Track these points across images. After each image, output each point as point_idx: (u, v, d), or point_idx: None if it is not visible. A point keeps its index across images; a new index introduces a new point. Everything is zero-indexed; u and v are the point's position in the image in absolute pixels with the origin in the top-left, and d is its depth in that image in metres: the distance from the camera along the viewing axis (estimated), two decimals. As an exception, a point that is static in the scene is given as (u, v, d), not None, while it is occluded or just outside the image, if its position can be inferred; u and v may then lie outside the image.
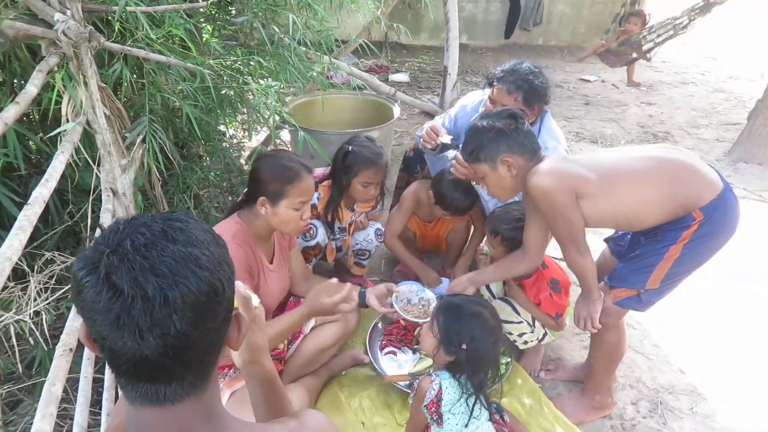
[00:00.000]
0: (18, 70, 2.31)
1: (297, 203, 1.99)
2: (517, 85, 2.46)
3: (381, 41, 7.55)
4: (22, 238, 1.32)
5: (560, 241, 2.03)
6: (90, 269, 0.72)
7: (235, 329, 0.88)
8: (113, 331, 0.71)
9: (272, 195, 1.96)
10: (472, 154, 2.07)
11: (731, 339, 2.80)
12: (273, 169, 1.98)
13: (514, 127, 2.01)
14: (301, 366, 2.27)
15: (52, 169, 1.64)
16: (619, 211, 1.95)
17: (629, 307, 2.09)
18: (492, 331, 1.90)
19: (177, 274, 0.73)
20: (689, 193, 1.88)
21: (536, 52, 8.45)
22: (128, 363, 0.74)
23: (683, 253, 1.92)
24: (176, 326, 0.72)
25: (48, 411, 1.30)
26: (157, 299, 0.71)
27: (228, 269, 0.81)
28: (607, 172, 1.95)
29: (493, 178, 2.08)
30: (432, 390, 1.84)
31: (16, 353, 1.98)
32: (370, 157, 2.61)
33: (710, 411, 2.38)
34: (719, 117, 6.11)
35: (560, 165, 1.98)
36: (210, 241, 0.79)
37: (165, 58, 2.12)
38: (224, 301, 0.79)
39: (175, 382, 0.78)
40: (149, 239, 0.74)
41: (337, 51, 4.47)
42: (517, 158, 2.00)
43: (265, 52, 2.85)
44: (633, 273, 2.03)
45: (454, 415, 1.81)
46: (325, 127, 4.08)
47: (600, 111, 6.18)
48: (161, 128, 2.44)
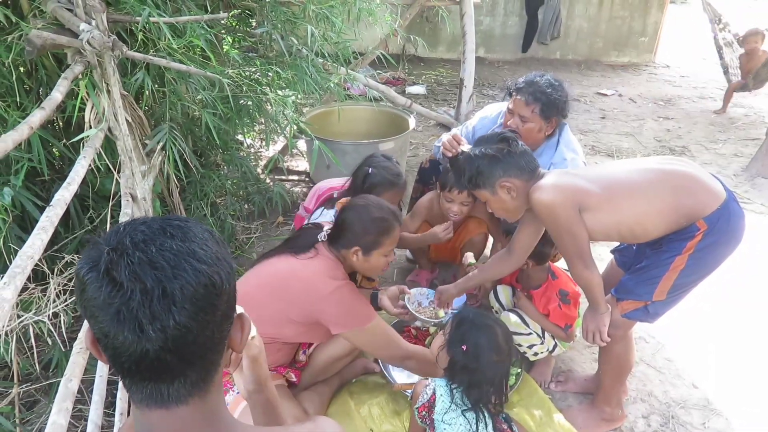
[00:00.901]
0: (44, 79, 2.38)
1: (388, 251, 2.08)
2: (535, 96, 2.48)
3: (398, 54, 7.63)
4: (44, 238, 1.37)
5: (566, 255, 2.04)
6: (91, 266, 0.74)
7: (238, 330, 0.89)
8: (114, 325, 0.72)
9: (366, 246, 2.03)
10: (471, 181, 2.11)
11: (746, 354, 2.77)
12: (367, 223, 2.03)
13: (507, 151, 2.04)
14: (313, 375, 2.29)
15: (74, 173, 1.69)
16: (623, 222, 1.95)
17: (637, 319, 2.08)
18: (497, 348, 1.84)
19: (175, 267, 0.74)
20: (692, 203, 1.88)
21: (554, 66, 8.47)
22: (131, 360, 0.75)
23: (689, 264, 1.92)
24: (175, 318, 0.73)
25: (64, 405, 1.34)
26: (156, 292, 0.72)
27: (227, 265, 0.81)
28: (610, 185, 1.96)
29: (496, 202, 2.11)
30: (425, 394, 1.86)
31: (34, 353, 2.03)
32: (391, 178, 2.65)
33: (723, 426, 2.35)
34: (738, 132, 6.06)
35: (562, 179, 2.00)
36: (208, 239, 0.81)
37: (186, 67, 2.17)
38: (223, 294, 0.79)
39: (178, 380, 0.79)
40: (148, 236, 0.76)
41: (355, 63, 4.53)
42: (515, 181, 2.03)
43: (284, 63, 2.91)
44: (639, 285, 2.03)
45: (449, 426, 1.79)
46: (341, 138, 4.13)
47: (617, 125, 6.16)
48: (181, 136, 2.50)
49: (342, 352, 2.28)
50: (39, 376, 2.30)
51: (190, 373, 0.79)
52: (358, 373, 2.50)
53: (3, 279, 1.20)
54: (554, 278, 2.38)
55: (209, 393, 0.84)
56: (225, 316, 0.82)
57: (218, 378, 0.86)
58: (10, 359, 2.00)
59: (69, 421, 2.15)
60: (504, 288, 2.66)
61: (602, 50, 9.01)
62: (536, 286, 2.41)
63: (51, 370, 2.34)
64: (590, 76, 8.16)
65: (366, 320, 1.98)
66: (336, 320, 1.96)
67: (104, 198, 2.58)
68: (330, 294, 1.92)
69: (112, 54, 1.90)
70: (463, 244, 3.11)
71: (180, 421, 0.81)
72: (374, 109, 4.59)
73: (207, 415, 0.84)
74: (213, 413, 0.85)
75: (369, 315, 2.00)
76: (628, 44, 9.00)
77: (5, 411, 2.08)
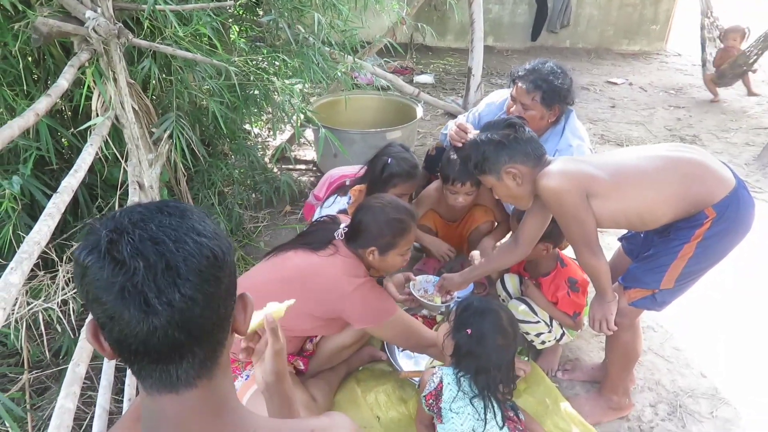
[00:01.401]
0: (52, 68, 2.39)
1: (404, 251, 2.10)
2: (536, 84, 2.46)
3: (406, 43, 7.59)
4: (51, 224, 1.38)
5: (573, 242, 2.03)
6: (90, 249, 0.74)
7: (241, 311, 0.89)
8: (119, 304, 0.72)
9: (382, 247, 2.04)
10: (477, 167, 2.10)
11: (755, 344, 2.75)
12: (383, 225, 2.04)
13: (513, 137, 2.03)
14: (320, 363, 2.30)
15: (81, 160, 1.70)
16: (631, 209, 1.93)
17: (644, 307, 2.07)
18: (502, 332, 1.85)
19: (177, 240, 0.74)
20: (701, 191, 1.86)
21: (563, 55, 8.40)
22: (138, 340, 0.74)
23: (697, 252, 1.90)
24: (181, 291, 0.73)
25: (72, 390, 1.35)
26: (159, 265, 0.72)
27: (226, 241, 0.81)
28: (618, 172, 1.94)
29: (501, 188, 2.11)
30: (432, 382, 1.85)
31: (44, 340, 2.05)
32: (409, 170, 2.65)
33: (731, 415, 2.34)
34: (750, 121, 6.00)
35: (569, 166, 1.98)
36: (204, 217, 0.81)
37: (192, 55, 2.17)
38: (226, 268, 0.79)
39: (186, 360, 0.78)
40: (146, 215, 0.76)
41: (362, 52, 4.51)
42: (521, 167, 2.02)
43: (290, 52, 2.90)
44: (647, 273, 2.01)
45: (457, 414, 1.78)
46: (348, 127, 4.12)
47: (626, 114, 6.11)
48: (188, 125, 2.50)
49: (349, 340, 2.29)
50: (49, 363, 2.33)
51: (197, 351, 0.79)
52: (365, 361, 2.51)
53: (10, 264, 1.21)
54: (563, 266, 2.37)
55: (216, 376, 0.83)
56: (228, 291, 0.82)
57: (224, 361, 0.86)
58: (20, 346, 2.03)
59: (80, 407, 2.20)
60: (511, 276, 2.65)
61: (613, 38, 8.92)
62: (545, 274, 2.40)
63: (61, 357, 2.37)
64: (600, 65, 8.09)
65: (388, 314, 2.00)
66: (359, 317, 1.99)
67: (112, 187, 2.60)
68: (353, 291, 1.93)
69: (118, 42, 1.90)
70: (470, 232, 3.11)
71: (189, 406, 0.81)
72: (381, 98, 4.57)
73: (215, 400, 0.84)
74: (221, 399, 0.85)
75: (391, 309, 2.02)
76: (639, 32, 8.91)
77: (16, 397, 2.10)
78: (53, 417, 1.26)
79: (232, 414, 0.85)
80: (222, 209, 3.19)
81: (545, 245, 2.34)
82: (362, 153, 3.63)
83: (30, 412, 2.07)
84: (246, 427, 0.86)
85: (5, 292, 1.11)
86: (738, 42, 6.26)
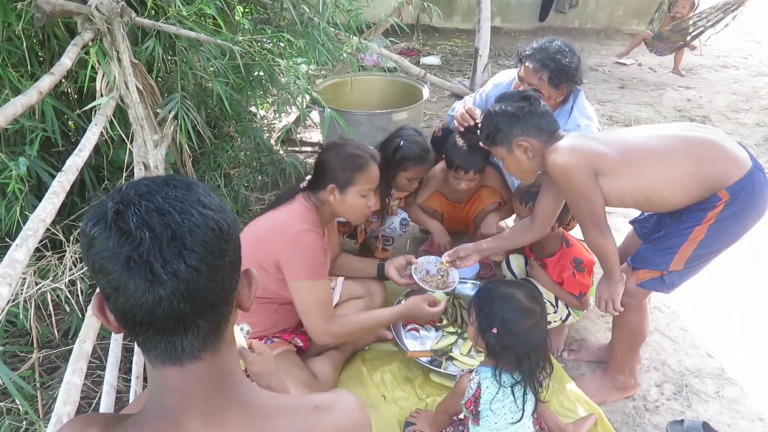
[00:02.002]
0: (56, 49, 2.39)
1: (365, 190, 2.07)
2: (543, 63, 2.43)
3: (412, 24, 7.52)
4: (56, 202, 1.38)
5: (581, 221, 2.01)
6: (97, 220, 0.74)
7: (246, 286, 0.89)
8: (125, 274, 0.72)
9: (342, 183, 2.03)
10: (488, 138, 2.08)
11: (762, 324, 2.74)
12: (342, 158, 2.05)
13: (527, 109, 2.00)
14: (325, 341, 2.31)
15: (86, 139, 1.70)
16: (640, 189, 1.91)
17: (653, 288, 2.05)
18: (527, 314, 1.74)
19: (182, 212, 0.75)
20: (714, 172, 1.83)
21: (572, 35, 8.30)
22: (143, 311, 0.74)
23: (708, 234, 1.87)
24: (186, 262, 0.73)
25: (78, 366, 1.36)
26: (165, 236, 0.72)
27: (231, 214, 0.82)
28: (628, 150, 1.92)
29: (511, 161, 2.08)
30: (470, 389, 1.77)
31: (53, 320, 2.07)
32: (420, 153, 2.63)
33: (737, 395, 2.34)
34: (761, 101, 5.92)
35: (579, 142, 1.96)
36: (210, 191, 0.82)
37: (195, 34, 2.16)
38: (231, 241, 0.80)
39: (191, 331, 0.79)
40: (152, 188, 0.77)
41: (368, 32, 4.47)
42: (533, 141, 1.99)
43: (295, 32, 2.88)
44: (656, 254, 1.99)
45: (494, 413, 1.73)
46: (354, 108, 4.10)
47: (635, 95, 6.05)
48: (193, 106, 2.50)
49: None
50: (59, 343, 2.35)
51: (201, 324, 0.79)
52: (371, 341, 2.52)
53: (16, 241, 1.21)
54: (568, 246, 2.36)
55: (221, 350, 0.84)
56: (233, 265, 0.82)
57: (229, 335, 0.86)
58: (29, 326, 2.05)
59: (90, 386, 2.23)
60: (516, 257, 2.65)
61: (622, 18, 8.80)
62: (550, 254, 2.39)
63: (70, 337, 2.39)
64: (609, 46, 7.99)
65: (315, 275, 1.97)
66: (292, 264, 1.95)
67: (118, 169, 2.60)
68: (294, 235, 1.94)
69: (122, 21, 1.89)
70: (476, 213, 3.10)
71: (193, 378, 0.81)
72: (388, 79, 4.54)
73: (220, 373, 0.84)
74: (226, 372, 0.85)
75: (322, 273, 1.99)
76: (648, 12, 8.75)
77: (26, 375, 2.13)
78: (60, 392, 1.28)
79: (236, 388, 0.86)
80: (228, 191, 3.19)
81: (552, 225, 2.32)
82: (368, 134, 3.62)
83: (40, 390, 2.10)
84: (250, 400, 0.86)
85: (10, 269, 1.12)
86: (687, 10, 6.23)
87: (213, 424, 0.81)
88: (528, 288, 1.88)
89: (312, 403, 0.93)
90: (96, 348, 2.37)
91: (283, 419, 0.87)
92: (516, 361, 1.72)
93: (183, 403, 0.81)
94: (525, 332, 1.71)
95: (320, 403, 0.93)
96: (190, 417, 0.81)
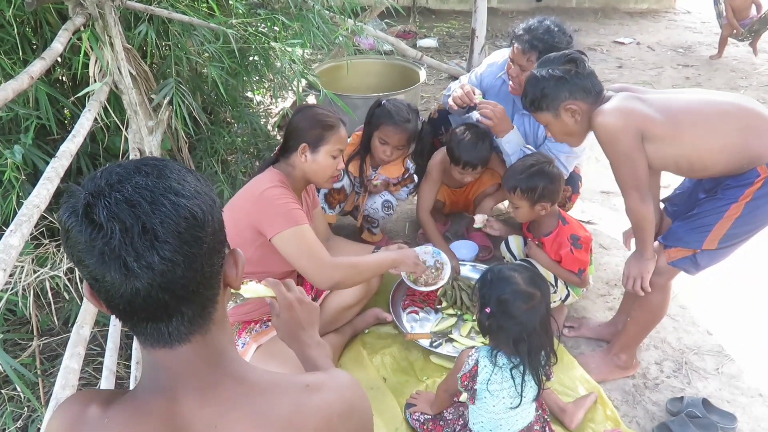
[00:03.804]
0: (49, 36, 2.37)
1: (335, 150, 2.08)
2: (531, 44, 2.41)
3: (409, 6, 7.45)
4: (50, 187, 1.38)
5: (622, 185, 1.94)
6: (71, 212, 0.74)
7: (232, 266, 0.88)
8: (100, 267, 0.72)
9: (313, 141, 2.05)
10: (534, 103, 2.01)
11: (761, 301, 2.75)
12: (313, 118, 2.08)
13: (574, 71, 1.93)
14: (323, 324, 2.31)
15: (79, 125, 1.69)
16: (683, 155, 1.85)
17: (682, 268, 2.00)
18: (525, 296, 1.71)
19: (153, 202, 0.73)
20: (758, 145, 1.77)
21: (569, 15, 8.22)
22: (124, 301, 0.75)
23: (744, 213, 1.82)
24: (160, 254, 0.73)
25: (76, 351, 1.36)
26: (135, 228, 0.72)
27: (208, 198, 0.80)
28: (676, 114, 1.85)
29: (558, 125, 2.02)
30: (467, 364, 1.77)
31: (52, 308, 2.07)
32: (394, 116, 2.62)
33: (736, 371, 2.35)
34: (760, 78, 5.88)
35: (627, 104, 1.88)
36: (186, 174, 0.80)
37: (188, 18, 2.14)
38: (207, 227, 0.78)
39: (175, 318, 0.79)
40: (123, 176, 0.76)
41: (363, 15, 4.44)
42: (581, 104, 1.93)
43: (290, 15, 2.85)
44: (690, 232, 1.94)
45: (492, 395, 1.72)
46: (351, 92, 4.08)
47: (634, 74, 6.01)
48: (188, 92, 2.48)
49: (352, 300, 2.31)
50: (59, 331, 2.36)
51: (185, 310, 0.79)
52: (371, 324, 2.53)
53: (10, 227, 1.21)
54: (564, 224, 2.35)
55: (210, 331, 0.84)
56: (213, 249, 0.81)
57: (219, 316, 0.86)
58: (29, 314, 2.05)
59: (90, 373, 2.24)
60: (515, 238, 2.64)
61: (620, -3, 8.72)
62: (547, 233, 2.39)
63: (70, 324, 2.39)
64: (607, 25, 7.92)
65: (294, 222, 1.94)
66: (267, 221, 1.94)
67: (114, 156, 2.59)
68: (261, 194, 1.95)
69: (113, 4, 1.87)
70: (476, 195, 3.09)
71: (184, 359, 0.82)
72: (384, 62, 4.51)
73: (211, 351, 0.84)
74: (218, 350, 0.86)
75: (299, 218, 1.96)
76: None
77: (27, 363, 2.14)
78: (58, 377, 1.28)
79: (229, 365, 0.86)
80: (226, 177, 3.18)
81: (542, 205, 2.32)
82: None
83: (41, 377, 2.11)
84: (244, 376, 0.87)
85: (5, 254, 1.11)
86: None
87: (208, 398, 0.82)
88: (531, 272, 1.85)
89: (303, 382, 0.93)
90: (97, 335, 2.38)
91: (276, 396, 0.87)
92: (513, 344, 1.71)
93: (177, 380, 0.82)
94: (521, 315, 1.70)
95: (311, 382, 0.93)
96: (185, 392, 0.82)
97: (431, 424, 1.98)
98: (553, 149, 2.62)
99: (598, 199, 3.60)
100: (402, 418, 2.10)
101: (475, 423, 1.84)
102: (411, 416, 2.04)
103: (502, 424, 1.79)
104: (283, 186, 2.00)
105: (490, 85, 2.80)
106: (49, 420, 0.90)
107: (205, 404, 0.82)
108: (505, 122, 2.53)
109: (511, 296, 1.72)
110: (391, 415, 2.12)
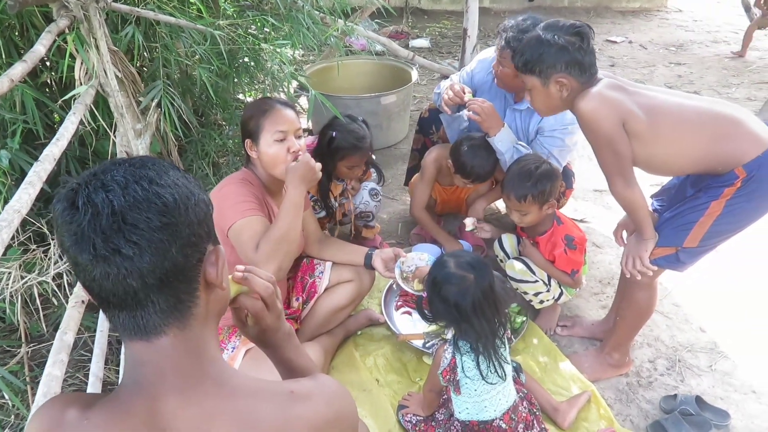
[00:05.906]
0: (35, 39, 2.34)
1: (276, 133, 1.95)
2: (507, 42, 2.39)
3: (401, 7, 7.45)
4: (31, 192, 1.36)
5: (606, 170, 1.92)
6: (60, 199, 0.78)
7: (212, 264, 0.87)
8: (76, 249, 0.75)
9: (253, 134, 1.99)
10: (527, 65, 1.93)
11: (754, 298, 2.74)
12: (248, 109, 2.05)
13: (578, 46, 1.86)
14: (316, 326, 2.30)
15: (63, 128, 1.67)
16: (657, 156, 1.87)
17: (667, 266, 2.00)
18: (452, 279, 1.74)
19: (125, 187, 0.76)
20: (729, 149, 1.78)
21: (561, 14, 8.21)
22: (96, 285, 0.77)
23: (725, 211, 1.83)
24: (126, 237, 0.74)
25: (59, 357, 1.34)
26: (105, 211, 0.74)
27: (186, 191, 0.81)
28: (657, 117, 1.84)
29: (542, 94, 1.95)
30: (444, 359, 1.80)
31: (40, 313, 2.05)
32: (354, 142, 2.58)
33: (730, 368, 2.34)
34: (752, 76, 5.90)
35: (610, 93, 1.84)
36: (170, 170, 0.82)
37: (174, 20, 2.12)
38: (180, 216, 0.79)
39: (148, 308, 0.79)
40: (107, 167, 0.80)
41: (354, 15, 4.43)
42: (573, 80, 1.87)
43: (279, 16, 2.84)
44: (672, 230, 1.94)
45: (471, 380, 1.76)
46: (343, 93, 4.06)
47: (626, 72, 6.01)
48: (178, 94, 2.46)
49: (344, 301, 2.29)
50: (49, 337, 2.33)
51: (156, 300, 0.79)
52: (363, 325, 2.51)
53: (-10, 232, 1.19)
54: (559, 224, 2.34)
55: (191, 327, 0.84)
56: (188, 242, 0.80)
57: (200, 313, 0.85)
58: (17, 320, 2.03)
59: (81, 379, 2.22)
60: (509, 236, 2.63)
61: (612, -5, 8.73)
62: (541, 233, 2.38)
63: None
64: (599, 24, 7.94)
65: (243, 213, 1.90)
66: (221, 217, 1.87)
67: (103, 160, 2.57)
68: (215, 194, 1.95)
69: (98, 6, 1.85)
70: (468, 195, 3.08)
71: (162, 353, 0.82)
72: (376, 62, 4.50)
73: (191, 348, 0.84)
74: (198, 348, 0.85)
75: (249, 210, 1.91)
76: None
77: (15, 369, 2.12)
78: (41, 384, 1.26)
79: (210, 365, 0.85)
80: (217, 180, 3.16)
81: (549, 204, 2.29)
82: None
83: (30, 384, 2.09)
84: (227, 380, 0.86)
85: (-15, 260, 1.09)
86: None
87: (189, 399, 0.81)
88: (471, 257, 1.85)
89: (288, 389, 0.91)
90: (87, 341, 2.36)
91: (259, 401, 0.86)
92: (455, 327, 1.78)
93: (157, 378, 0.81)
94: (453, 297, 1.73)
95: (297, 389, 0.92)
96: (165, 392, 0.81)
97: (423, 425, 1.98)
98: (545, 144, 2.61)
99: (591, 197, 3.60)
100: (395, 420, 2.08)
101: (461, 412, 1.86)
102: (403, 417, 2.03)
103: (487, 405, 1.81)
104: (242, 183, 1.98)
105: (482, 81, 2.80)
106: (28, 423, 0.89)
107: (186, 405, 0.81)
108: (494, 119, 2.52)
109: (443, 279, 1.76)
110: (384, 417, 2.11)
